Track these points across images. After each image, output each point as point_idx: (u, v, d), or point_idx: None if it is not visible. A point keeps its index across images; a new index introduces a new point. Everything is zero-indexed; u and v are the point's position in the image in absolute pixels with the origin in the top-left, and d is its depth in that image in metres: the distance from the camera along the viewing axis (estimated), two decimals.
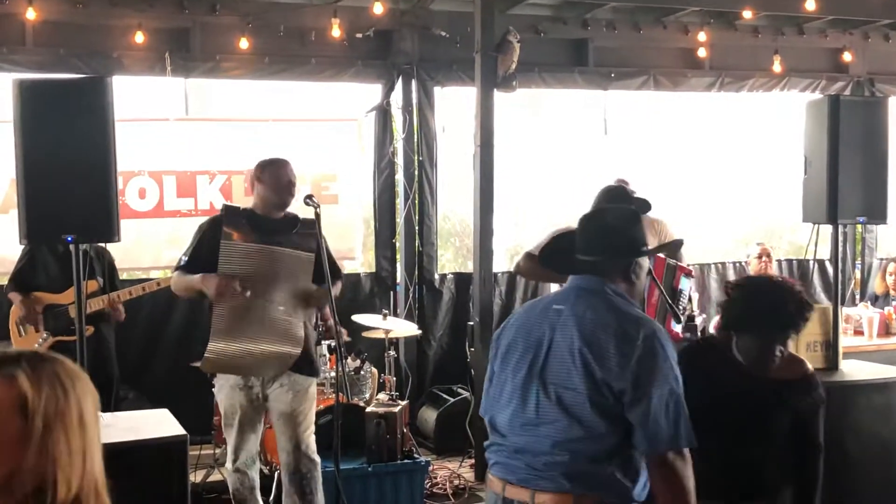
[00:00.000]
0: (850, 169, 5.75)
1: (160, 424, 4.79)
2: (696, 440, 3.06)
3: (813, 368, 4.09)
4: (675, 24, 8.96)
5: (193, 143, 8.07)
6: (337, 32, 7.87)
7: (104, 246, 6.30)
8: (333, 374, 6.49)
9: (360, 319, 7.06)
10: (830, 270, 9.03)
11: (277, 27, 8.01)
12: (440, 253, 9.18)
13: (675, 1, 8.44)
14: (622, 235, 3.31)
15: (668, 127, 9.69)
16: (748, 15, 8.57)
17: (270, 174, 5.39)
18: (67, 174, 4.71)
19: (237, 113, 8.52)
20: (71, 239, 4.82)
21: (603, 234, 3.32)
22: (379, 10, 7.73)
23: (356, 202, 8.72)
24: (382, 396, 6.61)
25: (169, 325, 7.91)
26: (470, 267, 8.05)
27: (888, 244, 10.16)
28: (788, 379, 3.94)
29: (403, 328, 7.52)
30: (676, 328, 5.87)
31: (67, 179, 4.71)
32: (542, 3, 8.50)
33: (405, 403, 6.68)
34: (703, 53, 9.11)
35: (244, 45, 7.87)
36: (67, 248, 5.69)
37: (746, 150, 9.81)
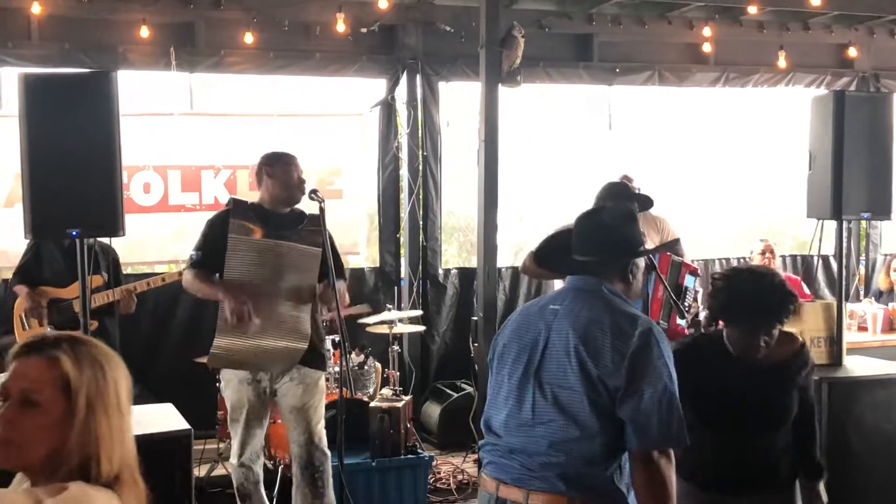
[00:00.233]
0: (854, 164, 5.74)
1: (164, 419, 4.79)
2: (687, 440, 3.03)
3: (801, 338, 4.12)
4: (680, 19, 8.95)
5: (198, 137, 8.08)
6: (341, 27, 7.88)
7: (109, 241, 6.31)
8: (337, 368, 6.50)
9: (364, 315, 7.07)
10: (835, 266, 9.03)
11: (282, 22, 8.01)
12: (444, 248, 9.19)
13: None
14: (619, 235, 3.29)
15: (672, 122, 9.68)
16: (753, 10, 8.55)
17: (281, 170, 5.38)
18: (72, 169, 4.71)
19: (242, 108, 8.53)
20: (76, 233, 4.82)
21: (599, 233, 3.29)
22: (384, 4, 7.73)
23: (360, 197, 8.72)
24: (386, 391, 6.62)
25: (173, 319, 7.92)
26: (474, 262, 8.04)
27: (892, 240, 10.14)
28: (786, 358, 3.97)
29: (407, 323, 7.52)
30: (682, 324, 5.87)
31: (72, 174, 4.71)
32: None
33: (409, 398, 6.69)
34: (707, 49, 9.10)
35: (249, 39, 7.88)
36: (72, 242, 5.70)
37: (751, 145, 9.81)
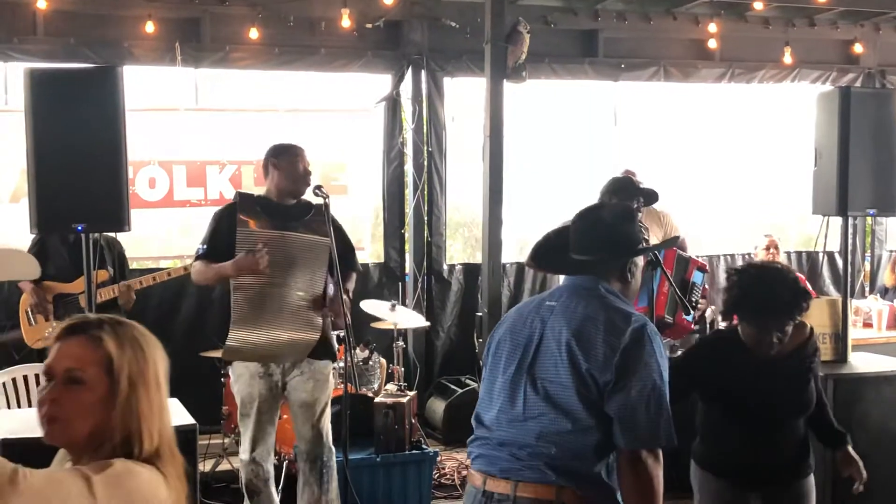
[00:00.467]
0: (860, 161, 5.74)
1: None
2: (675, 439, 2.98)
3: (809, 324, 4.14)
4: (685, 15, 8.93)
5: (203, 133, 8.08)
6: (347, 23, 7.87)
7: (114, 235, 6.32)
8: (342, 364, 6.50)
9: (368, 310, 7.07)
10: (840, 262, 9.01)
11: (287, 17, 8.01)
12: (449, 243, 9.19)
13: None
14: (617, 234, 3.23)
15: (677, 118, 9.66)
16: (759, 6, 8.55)
17: (287, 162, 5.38)
18: (78, 164, 4.73)
19: (247, 103, 8.52)
20: (81, 228, 4.84)
21: (597, 232, 3.24)
22: (389, 0, 7.72)
23: (365, 193, 8.73)
24: (391, 387, 6.62)
25: (178, 314, 7.92)
26: (478, 258, 8.04)
27: None
28: (799, 346, 4.01)
29: (412, 319, 7.53)
30: (688, 319, 5.87)
31: (78, 169, 4.73)
32: None
33: (413, 394, 6.69)
34: (713, 44, 9.09)
35: (254, 35, 7.88)
36: (78, 237, 5.71)
37: (756, 141, 9.78)
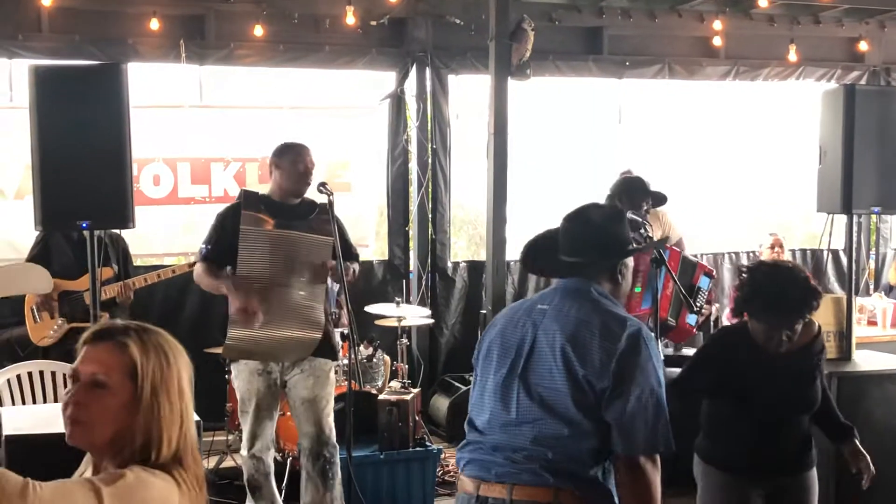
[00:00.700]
0: (865, 159, 5.74)
1: None
2: (673, 445, 2.97)
3: (817, 322, 4.17)
4: (690, 12, 8.92)
5: (208, 130, 8.09)
6: (351, 20, 7.87)
7: (118, 232, 6.32)
8: (346, 361, 6.51)
9: (372, 307, 7.07)
10: (844, 260, 9.02)
11: (292, 15, 8.01)
12: (454, 241, 9.19)
13: None
14: (607, 235, 3.20)
15: (682, 116, 9.65)
16: (764, 3, 8.53)
17: (288, 161, 5.38)
18: (83, 161, 4.73)
19: (251, 100, 8.52)
20: (86, 225, 4.84)
21: (587, 234, 3.21)
22: None
23: (369, 190, 8.73)
24: (395, 384, 6.62)
25: (183, 311, 7.92)
26: (483, 255, 8.04)
27: None
28: (807, 343, 4.04)
29: (416, 316, 7.53)
30: (691, 321, 5.86)
31: (82, 166, 4.73)
32: None
33: (417, 391, 6.69)
34: (718, 42, 9.08)
35: (258, 32, 7.88)
36: (82, 234, 5.71)
37: (761, 139, 9.77)
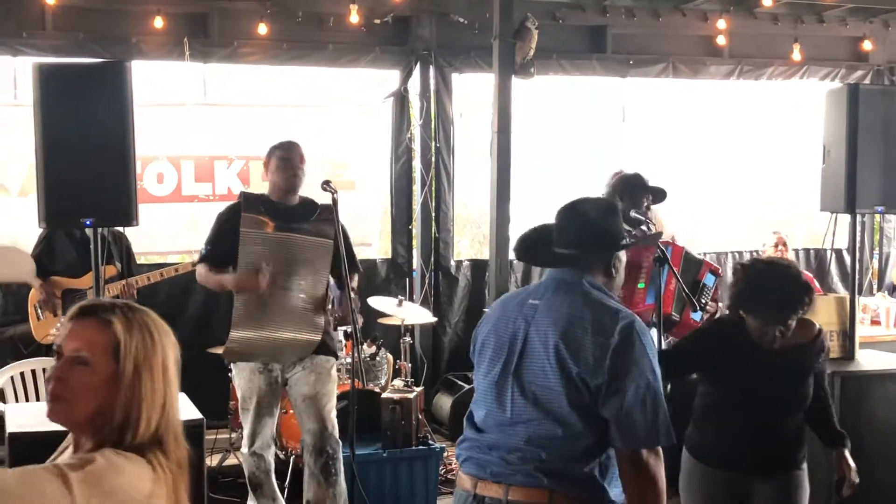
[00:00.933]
0: (868, 158, 5.73)
1: None
2: (674, 437, 2.96)
3: (818, 324, 4.17)
4: (694, 11, 8.92)
5: (211, 128, 8.09)
6: (355, 18, 7.87)
7: (122, 230, 6.33)
8: (349, 360, 6.51)
9: (376, 305, 7.07)
10: (848, 260, 9.00)
11: (296, 13, 8.01)
12: (457, 239, 9.19)
13: None
14: (601, 228, 3.20)
15: (686, 115, 9.65)
16: (768, 3, 8.53)
17: (277, 158, 5.41)
18: (86, 158, 4.74)
19: (255, 98, 8.53)
20: (89, 223, 4.85)
21: (581, 226, 3.20)
22: None
23: (373, 188, 8.73)
24: (398, 382, 6.62)
25: (186, 309, 7.93)
26: (486, 254, 8.04)
27: None
28: (803, 344, 4.04)
29: (419, 315, 7.53)
30: (695, 317, 5.86)
31: (86, 164, 4.74)
32: None
33: (420, 390, 6.69)
34: (722, 41, 9.07)
35: (262, 30, 7.88)
36: (85, 232, 5.72)
37: (765, 138, 9.77)
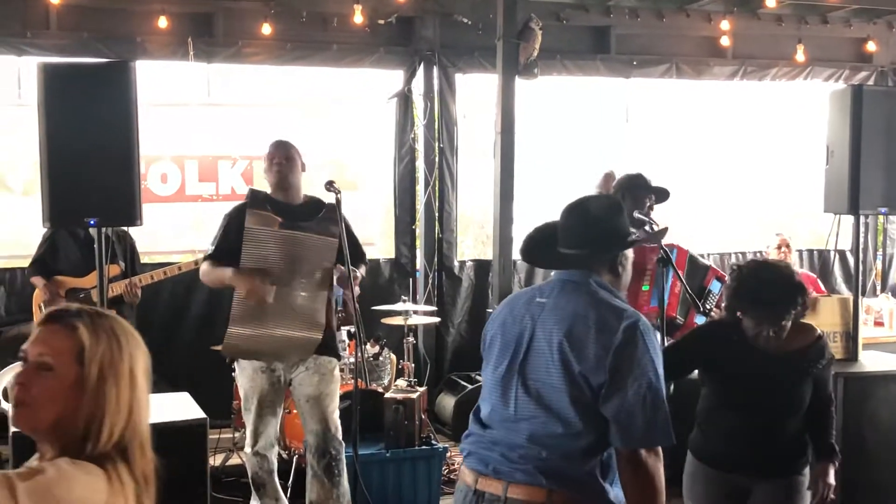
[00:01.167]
0: (872, 159, 5.72)
1: (180, 407, 4.83)
2: (673, 438, 2.95)
3: (819, 329, 4.16)
4: (697, 12, 8.92)
5: (215, 127, 8.10)
6: (359, 18, 7.87)
7: (126, 230, 6.34)
8: (353, 359, 6.52)
9: (379, 305, 7.08)
10: (851, 261, 8.99)
11: (300, 13, 8.02)
12: (460, 239, 9.19)
13: None
14: (606, 227, 3.19)
15: (689, 115, 9.65)
16: (772, 3, 8.53)
17: (267, 156, 5.46)
18: (90, 158, 4.74)
19: (259, 98, 8.54)
20: (93, 222, 4.85)
21: (586, 226, 3.20)
22: None
23: (376, 188, 8.73)
24: (401, 382, 6.63)
25: (189, 308, 7.95)
26: (489, 254, 8.05)
27: None
28: (801, 348, 4.02)
29: (422, 315, 7.53)
30: (699, 321, 5.85)
31: (90, 163, 4.74)
32: None
33: (423, 390, 6.70)
34: (725, 42, 9.07)
35: (266, 30, 7.89)
36: (88, 232, 5.74)
37: (768, 139, 9.76)
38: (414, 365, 7.12)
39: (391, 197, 8.70)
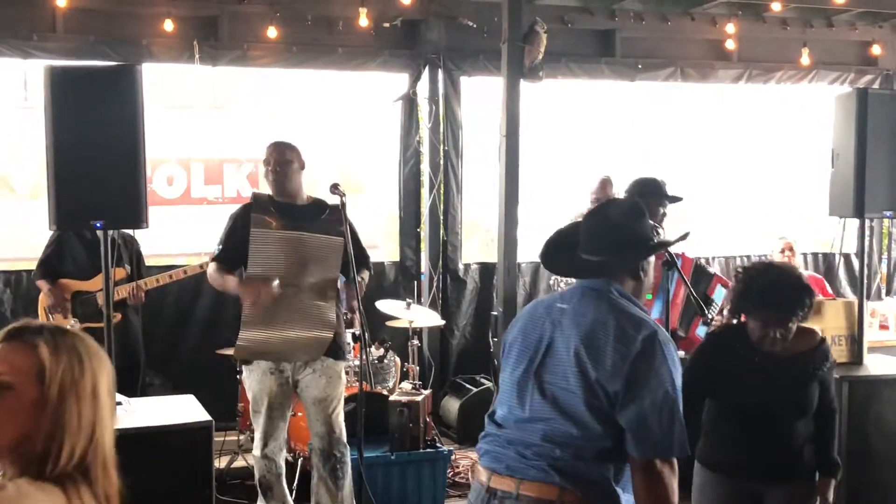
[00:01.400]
0: (877, 162, 5.72)
1: (186, 410, 4.84)
2: (689, 449, 2.95)
3: (821, 333, 4.16)
4: (702, 15, 8.91)
5: (221, 130, 8.12)
6: (364, 22, 7.88)
7: (132, 233, 6.35)
8: (357, 362, 6.52)
9: (384, 308, 7.08)
10: (856, 264, 8.98)
11: (305, 16, 8.02)
12: (465, 242, 9.20)
13: None
14: (627, 233, 3.17)
15: (694, 119, 9.66)
16: (777, 7, 8.52)
17: (263, 161, 5.49)
18: (97, 161, 4.75)
19: (264, 101, 8.56)
20: (100, 225, 4.86)
21: (607, 231, 3.17)
22: None
23: (381, 191, 8.75)
24: (406, 385, 6.63)
25: (195, 311, 7.96)
26: (494, 257, 8.05)
27: None
28: (805, 352, 4.02)
29: (427, 317, 7.54)
30: (701, 333, 5.84)
31: (96, 166, 4.75)
32: None
33: (428, 392, 6.70)
34: (731, 45, 9.07)
35: (272, 33, 7.89)
36: (94, 235, 5.74)
37: (773, 142, 9.78)
38: (418, 368, 7.12)
39: (396, 200, 8.71)
